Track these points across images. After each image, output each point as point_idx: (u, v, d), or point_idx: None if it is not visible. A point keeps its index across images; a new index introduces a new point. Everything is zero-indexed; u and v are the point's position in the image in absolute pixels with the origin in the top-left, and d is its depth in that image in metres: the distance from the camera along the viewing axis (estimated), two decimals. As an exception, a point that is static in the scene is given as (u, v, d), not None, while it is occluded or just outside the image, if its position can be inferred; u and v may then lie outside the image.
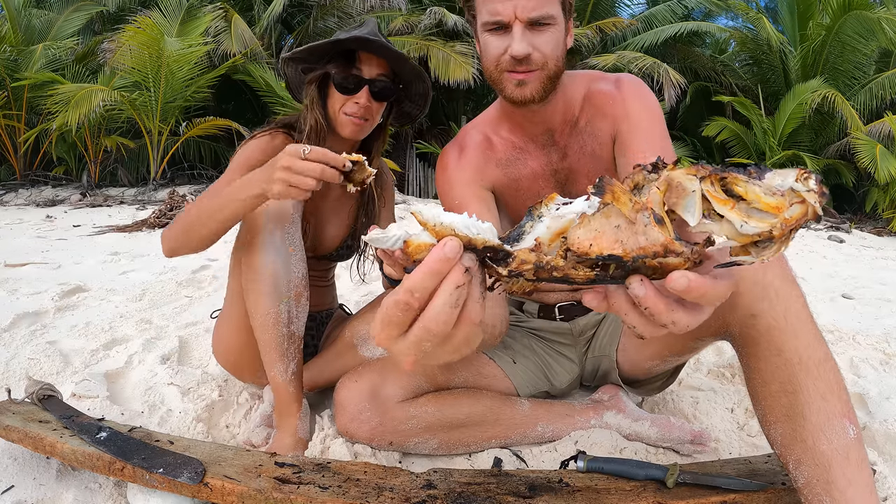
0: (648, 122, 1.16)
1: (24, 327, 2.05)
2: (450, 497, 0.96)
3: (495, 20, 1.07)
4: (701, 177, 0.44)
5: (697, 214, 0.44)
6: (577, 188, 1.28)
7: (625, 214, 0.44)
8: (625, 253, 0.44)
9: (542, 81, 1.11)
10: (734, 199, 0.43)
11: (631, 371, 1.37)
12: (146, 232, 4.96)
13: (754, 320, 0.96)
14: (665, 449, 1.35)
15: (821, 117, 8.71)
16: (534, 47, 1.07)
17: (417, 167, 10.27)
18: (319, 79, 1.33)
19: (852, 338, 2.25)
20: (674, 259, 0.43)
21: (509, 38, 1.07)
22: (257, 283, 1.24)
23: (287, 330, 1.26)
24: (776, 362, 0.93)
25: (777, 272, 0.98)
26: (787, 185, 0.43)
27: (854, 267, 4.62)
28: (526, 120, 1.22)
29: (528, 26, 1.06)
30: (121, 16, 9.02)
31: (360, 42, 1.29)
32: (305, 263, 1.29)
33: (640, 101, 1.18)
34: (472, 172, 1.27)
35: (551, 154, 1.26)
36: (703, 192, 0.44)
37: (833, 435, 0.87)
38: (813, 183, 0.43)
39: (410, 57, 1.38)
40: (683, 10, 10.64)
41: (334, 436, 1.29)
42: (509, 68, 1.09)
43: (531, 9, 1.05)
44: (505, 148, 1.28)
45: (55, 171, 8.56)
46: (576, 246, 0.45)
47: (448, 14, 9.07)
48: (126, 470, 1.03)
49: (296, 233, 1.26)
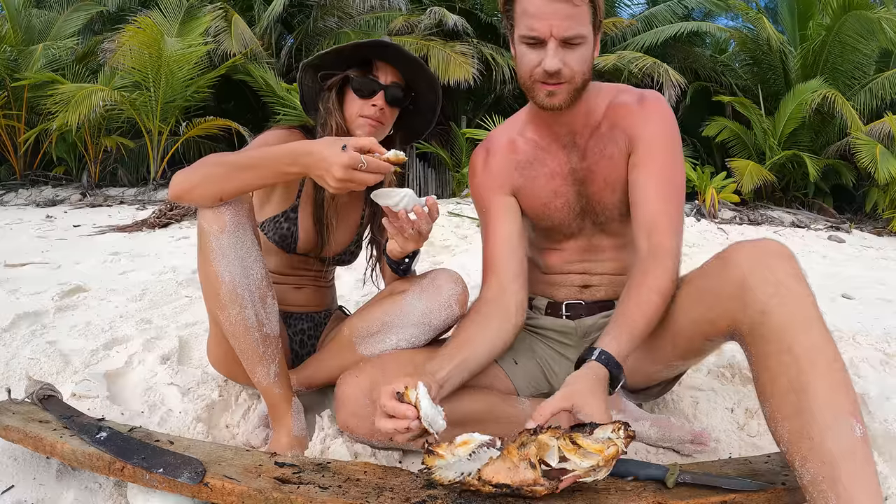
0: (661, 147, 1.27)
1: (24, 327, 2.05)
2: (450, 497, 0.96)
3: (532, 35, 1.16)
4: (557, 437, 0.90)
5: (556, 459, 0.91)
6: (593, 188, 1.35)
7: (513, 461, 0.91)
8: (512, 482, 0.91)
9: (570, 93, 1.22)
10: (576, 446, 0.90)
11: (632, 377, 1.37)
12: (146, 232, 4.97)
13: (765, 317, 0.97)
14: (665, 449, 1.35)
15: (821, 117, 8.70)
16: (564, 63, 1.17)
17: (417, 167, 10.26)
18: (338, 84, 1.38)
19: (852, 338, 2.25)
20: (540, 487, 0.90)
21: (543, 52, 1.17)
22: (217, 293, 1.22)
23: (260, 333, 1.25)
24: (785, 360, 0.94)
25: (788, 270, 0.98)
26: (606, 435, 0.91)
27: (854, 267, 4.62)
28: (552, 120, 1.32)
29: (562, 44, 1.16)
30: (121, 16, 9.00)
31: (380, 46, 1.35)
32: (263, 263, 1.26)
33: (659, 123, 1.28)
34: (495, 179, 1.40)
35: (571, 154, 1.35)
36: (558, 446, 0.90)
37: (840, 433, 0.87)
38: (622, 432, 0.91)
39: (422, 62, 1.38)
40: (683, 10, 10.62)
41: (334, 436, 1.29)
42: (542, 80, 1.20)
43: (565, 28, 1.14)
44: (527, 149, 1.39)
45: (55, 171, 8.55)
46: (486, 476, 0.92)
47: (448, 14, 9.06)
48: (126, 470, 1.03)
49: (245, 234, 1.22)
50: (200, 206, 1.21)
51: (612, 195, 1.33)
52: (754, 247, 1.04)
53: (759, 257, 1.01)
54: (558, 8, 1.13)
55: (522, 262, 1.39)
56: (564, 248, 1.43)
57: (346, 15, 9.50)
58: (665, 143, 1.27)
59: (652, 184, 1.24)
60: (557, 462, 0.91)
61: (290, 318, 1.55)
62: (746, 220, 7.47)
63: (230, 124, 8.03)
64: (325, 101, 1.40)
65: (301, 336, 1.56)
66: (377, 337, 1.37)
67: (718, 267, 1.08)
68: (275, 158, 1.16)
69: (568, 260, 1.44)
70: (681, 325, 1.18)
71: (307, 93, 1.45)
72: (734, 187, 7.85)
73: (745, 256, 1.02)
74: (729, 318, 1.04)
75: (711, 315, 1.08)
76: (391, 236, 1.28)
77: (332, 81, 1.39)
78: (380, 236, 1.56)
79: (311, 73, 1.42)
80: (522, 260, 1.40)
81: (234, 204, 1.21)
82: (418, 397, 0.99)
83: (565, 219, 1.39)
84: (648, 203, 1.24)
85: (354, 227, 1.57)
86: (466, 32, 9.26)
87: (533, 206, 1.39)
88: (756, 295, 0.98)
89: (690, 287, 1.16)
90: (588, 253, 1.42)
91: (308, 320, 1.58)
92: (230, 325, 1.23)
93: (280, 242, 1.44)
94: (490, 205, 1.40)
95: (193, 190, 1.18)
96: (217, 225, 1.19)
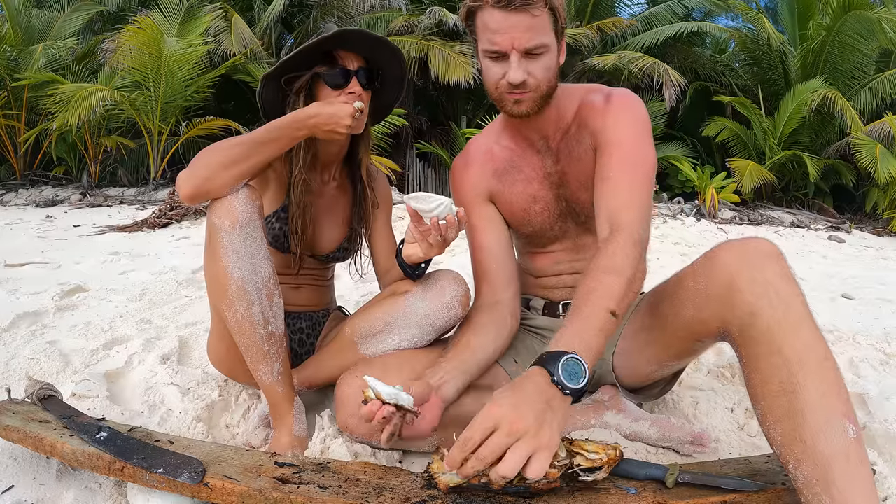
0: (624, 135, 1.24)
1: (24, 327, 2.05)
2: (450, 497, 0.96)
3: (494, 49, 1.17)
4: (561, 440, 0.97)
5: (563, 452, 0.96)
6: (570, 189, 1.36)
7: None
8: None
9: (536, 101, 1.23)
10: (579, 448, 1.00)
11: (629, 377, 1.37)
12: (146, 232, 4.97)
13: (754, 319, 0.96)
14: (665, 449, 1.35)
15: (821, 117, 8.70)
16: (529, 73, 1.18)
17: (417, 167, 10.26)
18: (306, 85, 1.38)
19: (852, 338, 2.25)
20: (553, 470, 0.94)
21: (507, 65, 1.18)
22: (225, 290, 1.22)
23: (265, 332, 1.25)
24: (776, 362, 0.93)
25: (776, 270, 0.98)
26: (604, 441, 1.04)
27: (854, 267, 4.63)
28: (524, 126, 1.35)
29: (524, 55, 1.16)
30: (121, 16, 9.00)
31: (343, 36, 1.35)
32: (271, 261, 1.28)
33: (622, 114, 1.26)
34: (474, 188, 1.43)
35: (546, 158, 1.37)
36: (563, 446, 0.98)
37: (833, 435, 0.87)
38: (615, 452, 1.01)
39: (387, 39, 1.40)
40: (683, 10, 10.61)
41: (334, 436, 1.29)
42: (507, 91, 1.21)
43: (526, 40, 1.15)
44: (504, 156, 1.41)
45: (55, 171, 8.54)
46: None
47: (448, 14, 9.05)
48: (126, 470, 1.03)
49: (254, 232, 1.23)
50: (219, 194, 1.21)
51: (588, 194, 1.31)
52: (742, 246, 1.02)
53: (747, 257, 1.00)
54: (517, 20, 1.12)
55: (512, 269, 1.40)
56: (552, 251, 1.45)
57: (346, 15, 9.49)
58: (628, 131, 1.24)
59: (614, 172, 1.21)
60: (564, 457, 0.96)
61: (289, 318, 1.55)
62: (746, 220, 7.47)
63: (230, 124, 8.03)
64: (293, 106, 1.38)
65: (300, 335, 1.57)
66: (379, 337, 1.37)
67: (707, 267, 1.06)
68: (284, 128, 1.26)
69: (557, 261, 1.45)
70: (672, 325, 1.18)
71: (269, 105, 1.44)
72: (734, 187, 7.86)
73: (733, 257, 1.01)
74: (719, 320, 1.03)
75: (702, 316, 1.07)
76: (411, 241, 1.26)
77: (300, 83, 1.38)
78: (359, 228, 1.56)
79: (273, 84, 1.41)
80: (512, 267, 1.40)
81: (245, 200, 1.22)
82: (372, 388, 1.04)
83: (546, 222, 1.39)
84: (608, 192, 1.20)
85: (345, 222, 1.57)
86: (466, 32, 9.24)
87: (513, 211, 1.40)
88: (744, 296, 0.97)
89: (680, 287, 1.15)
90: (576, 253, 1.43)
91: (307, 319, 1.58)
92: (236, 321, 1.24)
93: (273, 242, 1.45)
94: (471, 214, 1.40)
95: (213, 178, 1.20)
96: (229, 220, 1.20)
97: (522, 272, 1.52)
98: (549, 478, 0.94)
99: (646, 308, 1.31)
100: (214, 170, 1.20)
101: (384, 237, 1.58)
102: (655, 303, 1.26)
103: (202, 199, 1.23)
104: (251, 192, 1.24)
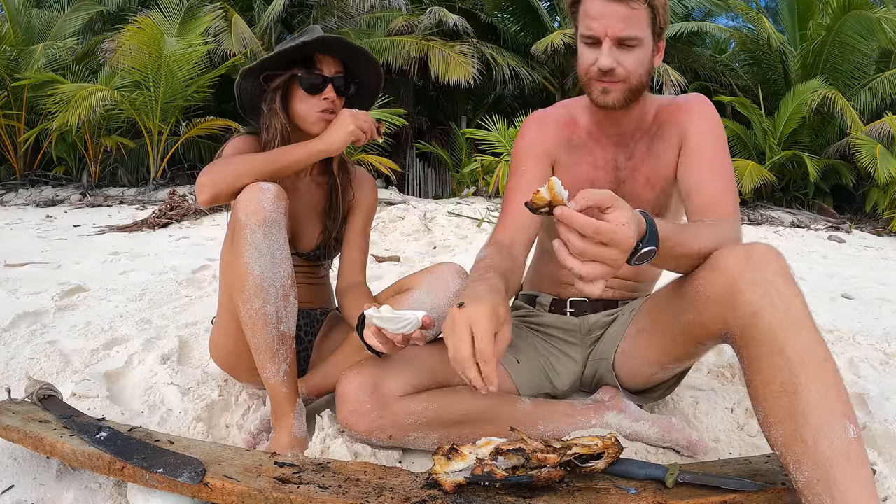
0: (710, 140, 1.30)
1: (24, 327, 2.05)
2: (450, 497, 0.96)
3: (589, 34, 1.22)
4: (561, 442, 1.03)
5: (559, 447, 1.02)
6: (633, 186, 1.37)
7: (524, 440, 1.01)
8: (527, 448, 0.99)
9: (624, 92, 1.25)
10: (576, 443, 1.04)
11: (631, 379, 1.37)
12: (146, 232, 4.97)
13: (755, 319, 0.96)
14: (665, 449, 1.35)
15: (821, 117, 8.70)
16: (619, 63, 1.21)
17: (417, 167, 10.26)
18: (283, 85, 1.41)
19: (852, 338, 2.25)
20: (552, 455, 0.99)
21: (599, 51, 1.22)
22: (243, 285, 1.24)
23: (277, 331, 1.26)
24: (777, 362, 0.93)
25: (777, 270, 0.98)
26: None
27: (854, 267, 4.63)
28: (606, 118, 1.36)
29: (617, 44, 1.20)
30: (121, 16, 8.99)
31: (324, 41, 1.38)
32: (291, 262, 1.29)
33: (706, 118, 1.32)
34: (543, 146, 1.41)
35: (619, 153, 1.39)
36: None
37: (833, 435, 0.87)
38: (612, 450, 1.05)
39: (367, 50, 1.47)
40: (683, 10, 10.62)
41: (334, 436, 1.29)
42: (596, 77, 1.25)
43: (620, 29, 1.19)
44: (581, 133, 1.41)
45: (55, 171, 8.53)
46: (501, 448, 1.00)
47: (448, 14, 9.05)
48: (126, 470, 1.03)
49: (279, 232, 1.26)
50: (248, 187, 1.26)
51: (650, 192, 1.35)
52: (743, 250, 1.03)
53: (749, 260, 1.00)
54: (615, 9, 1.18)
55: (532, 238, 1.38)
56: None
57: (346, 15, 9.49)
58: (713, 136, 1.30)
59: (706, 173, 1.26)
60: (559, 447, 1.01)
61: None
62: (746, 219, 7.47)
63: (230, 124, 8.01)
64: (269, 102, 1.43)
65: (297, 332, 1.56)
66: None
67: (707, 270, 1.06)
68: (299, 159, 1.36)
69: None
70: (673, 328, 1.18)
71: (245, 97, 1.48)
72: (734, 187, 7.85)
73: (734, 259, 1.02)
74: (720, 322, 1.03)
75: (702, 318, 1.08)
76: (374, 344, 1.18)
77: (278, 82, 1.41)
78: (332, 225, 1.55)
79: (251, 77, 1.44)
80: (533, 236, 1.38)
81: (274, 200, 1.25)
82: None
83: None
84: (703, 191, 1.25)
85: (321, 218, 1.55)
86: (466, 32, 9.25)
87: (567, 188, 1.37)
88: (746, 297, 0.97)
89: (680, 290, 1.15)
90: None
91: (304, 317, 1.58)
92: (250, 317, 1.25)
93: None
94: (528, 168, 1.39)
95: (240, 178, 1.28)
96: (256, 218, 1.22)
97: (542, 260, 1.52)
98: (549, 463, 0.97)
99: (647, 311, 1.31)
100: (254, 170, 1.29)
101: (356, 247, 1.56)
102: (656, 306, 1.26)
103: (223, 202, 1.31)
104: (279, 192, 1.27)
